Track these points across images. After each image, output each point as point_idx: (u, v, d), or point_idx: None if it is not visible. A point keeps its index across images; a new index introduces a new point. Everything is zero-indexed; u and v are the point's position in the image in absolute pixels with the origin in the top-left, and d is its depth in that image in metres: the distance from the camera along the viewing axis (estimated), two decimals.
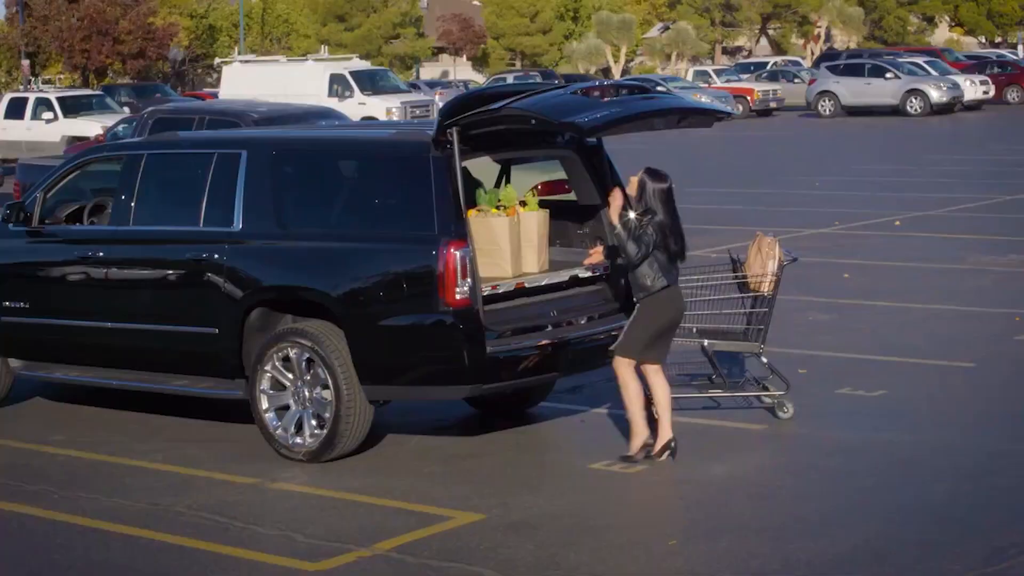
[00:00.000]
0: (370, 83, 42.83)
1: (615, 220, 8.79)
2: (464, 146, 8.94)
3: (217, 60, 53.89)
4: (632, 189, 8.85)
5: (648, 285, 8.79)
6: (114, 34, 63.83)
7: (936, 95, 48.83)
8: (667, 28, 79.96)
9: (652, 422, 9.08)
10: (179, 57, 71.79)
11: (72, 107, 39.20)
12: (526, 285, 9.50)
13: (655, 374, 8.98)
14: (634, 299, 8.97)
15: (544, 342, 9.16)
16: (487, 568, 7.24)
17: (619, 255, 9.06)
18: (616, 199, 8.87)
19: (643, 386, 8.98)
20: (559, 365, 9.31)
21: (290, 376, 9.30)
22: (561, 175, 10.17)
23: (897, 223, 20.58)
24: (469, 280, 8.77)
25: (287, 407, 9.35)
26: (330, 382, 9.08)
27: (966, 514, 7.96)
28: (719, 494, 8.46)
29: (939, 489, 8.39)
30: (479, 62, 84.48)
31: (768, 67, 62.66)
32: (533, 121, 8.81)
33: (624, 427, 9.73)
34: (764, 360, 10.11)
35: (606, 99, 9.06)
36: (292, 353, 9.24)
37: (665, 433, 8.92)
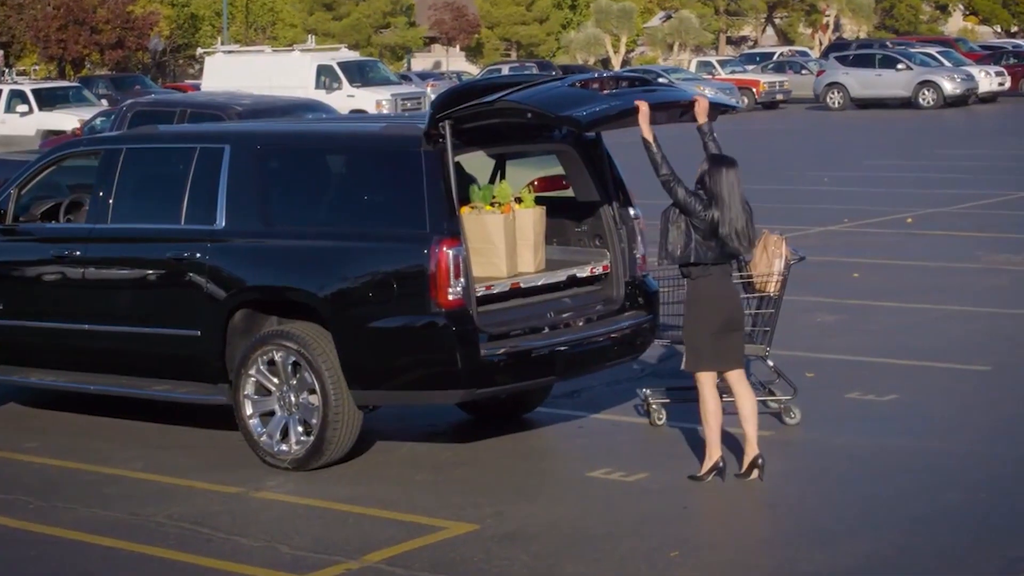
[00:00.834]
0: (359, 74, 42.84)
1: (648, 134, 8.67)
2: (457, 140, 8.94)
3: (199, 50, 53.87)
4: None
5: (692, 260, 8.54)
6: (92, 23, 63.80)
7: (949, 87, 48.85)
8: (669, 17, 79.99)
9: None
10: (159, 47, 71.73)
11: (48, 99, 39.20)
12: (522, 285, 9.50)
13: (738, 382, 8.80)
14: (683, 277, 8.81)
15: (541, 344, 9.16)
16: None
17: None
18: (643, 117, 8.65)
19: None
20: (556, 369, 9.30)
21: (275, 380, 9.30)
22: (558, 170, 10.18)
23: (909, 220, 20.60)
24: (462, 280, 8.78)
25: (272, 413, 9.35)
26: (317, 387, 9.08)
27: (981, 524, 7.96)
28: (723, 503, 8.46)
29: (953, 498, 8.39)
30: (473, 53, 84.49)
31: (774, 58, 62.65)
32: (529, 115, 8.82)
33: (624, 435, 9.76)
34: (770, 363, 10.11)
35: (605, 92, 9.07)
36: (277, 356, 9.23)
37: (751, 449, 8.75)
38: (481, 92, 9.03)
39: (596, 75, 9.38)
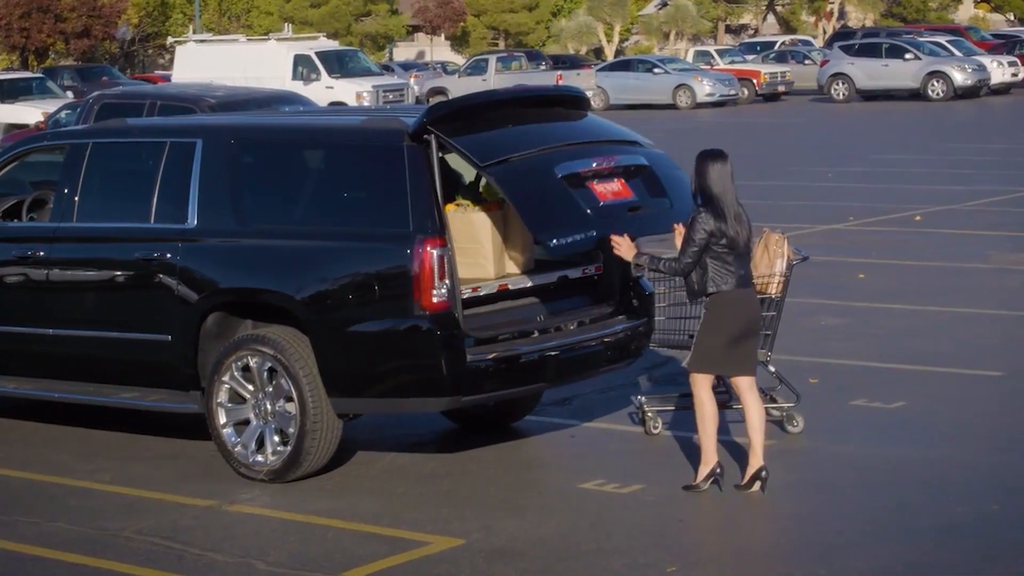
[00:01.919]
0: (338, 65, 42.84)
1: (640, 261, 8.82)
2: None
3: (170, 39, 53.80)
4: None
5: (711, 289, 8.66)
6: (56, 11, 63.71)
7: (960, 78, 48.94)
8: (665, 4, 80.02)
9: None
10: (128, 36, 71.65)
11: (9, 91, 39.11)
12: (510, 287, 9.51)
13: (747, 390, 8.83)
14: (697, 302, 8.90)
15: (530, 349, 9.17)
16: None
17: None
18: (625, 250, 8.83)
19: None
20: (547, 375, 9.31)
21: (250, 387, 9.30)
22: None
23: (917, 218, 20.63)
24: (447, 282, 8.78)
25: (247, 422, 9.35)
26: (294, 394, 9.08)
27: (992, 538, 7.98)
28: (721, 515, 8.47)
29: (963, 510, 8.41)
30: (458, 42, 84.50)
31: (776, 47, 62.74)
32: (508, 204, 8.86)
33: (617, 444, 9.77)
34: (771, 369, 10.13)
35: (604, 202, 9.04)
36: (252, 362, 9.24)
37: (755, 460, 8.75)
38: (481, 109, 9.16)
39: (595, 162, 9.25)
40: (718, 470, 8.76)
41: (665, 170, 9.58)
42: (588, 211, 8.97)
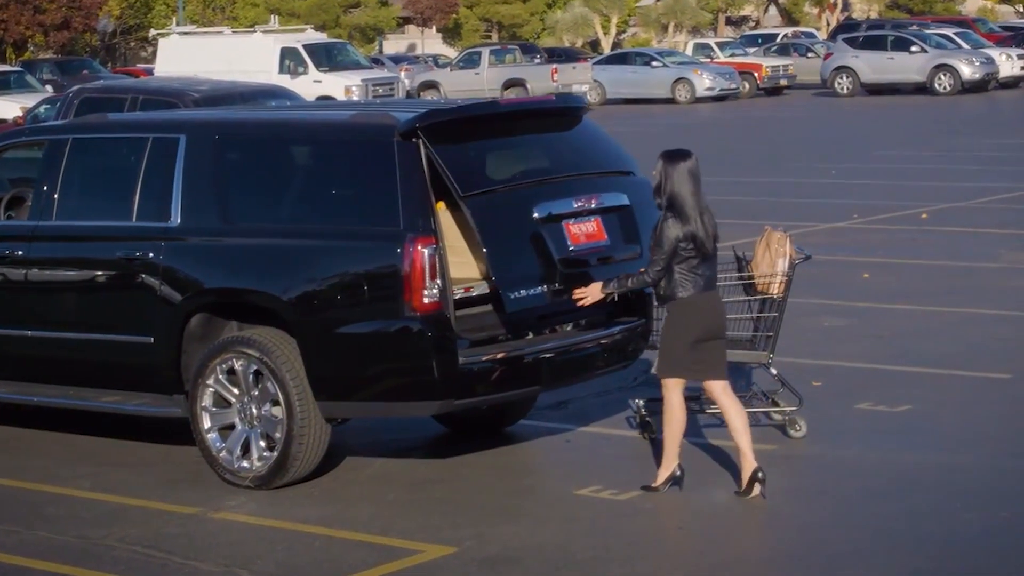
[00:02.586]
0: (327, 58, 42.83)
1: (608, 289, 8.93)
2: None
3: (152, 32, 53.82)
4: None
5: (680, 295, 8.72)
6: (35, 2, 63.59)
7: (968, 71, 49.00)
8: None
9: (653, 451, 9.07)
10: (109, 29, 71.63)
11: None
12: None
13: (721, 394, 8.87)
14: (659, 305, 8.97)
15: (524, 352, 9.17)
16: None
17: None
18: (591, 299, 8.96)
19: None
20: (541, 378, 9.31)
21: (235, 391, 9.30)
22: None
23: (924, 216, 20.65)
24: (439, 281, 8.78)
25: (232, 426, 9.35)
26: (281, 398, 9.08)
27: (1002, 546, 7.99)
28: (722, 523, 8.48)
29: (971, 517, 8.42)
30: (450, 34, 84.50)
31: (778, 40, 62.79)
32: (483, 251, 8.94)
33: (614, 449, 9.77)
34: (773, 371, 10.13)
35: (575, 247, 9.16)
36: (238, 365, 9.23)
37: (748, 464, 8.76)
38: (478, 122, 9.27)
39: (576, 202, 9.31)
40: (678, 473, 8.84)
41: (645, 208, 9.57)
42: (556, 262, 9.08)
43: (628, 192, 9.71)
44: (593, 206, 9.43)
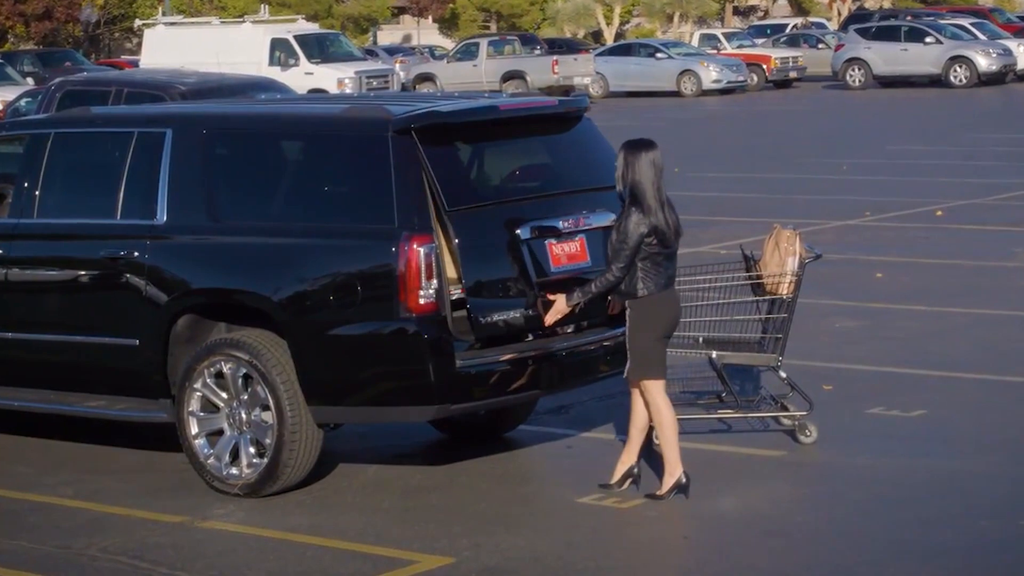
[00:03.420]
0: (318, 49, 42.84)
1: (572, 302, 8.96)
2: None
3: (138, 22, 53.78)
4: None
5: (640, 293, 8.79)
6: None
7: (984, 63, 49.01)
8: None
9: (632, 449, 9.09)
10: (92, 19, 71.58)
11: None
12: None
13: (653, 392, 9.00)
14: (616, 302, 8.99)
15: (524, 354, 9.18)
16: None
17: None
18: (556, 315, 9.02)
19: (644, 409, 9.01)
20: (541, 381, 9.32)
21: (224, 395, 9.30)
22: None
23: (938, 213, 20.66)
24: (435, 281, 8.79)
25: (221, 432, 9.35)
26: (271, 402, 9.08)
27: (1020, 555, 7.99)
28: (729, 532, 8.48)
29: (988, 526, 8.43)
30: (447, 25, 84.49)
31: (787, 30, 62.82)
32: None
33: (617, 456, 9.75)
34: (783, 375, 10.14)
35: (555, 268, 9.19)
36: (226, 368, 9.23)
37: (629, 458, 9.03)
38: (476, 127, 9.32)
39: (562, 222, 9.33)
40: (684, 480, 8.84)
41: None
42: (534, 284, 9.10)
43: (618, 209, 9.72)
44: (579, 227, 9.44)
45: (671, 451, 8.88)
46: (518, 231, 9.15)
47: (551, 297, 9.05)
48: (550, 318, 9.08)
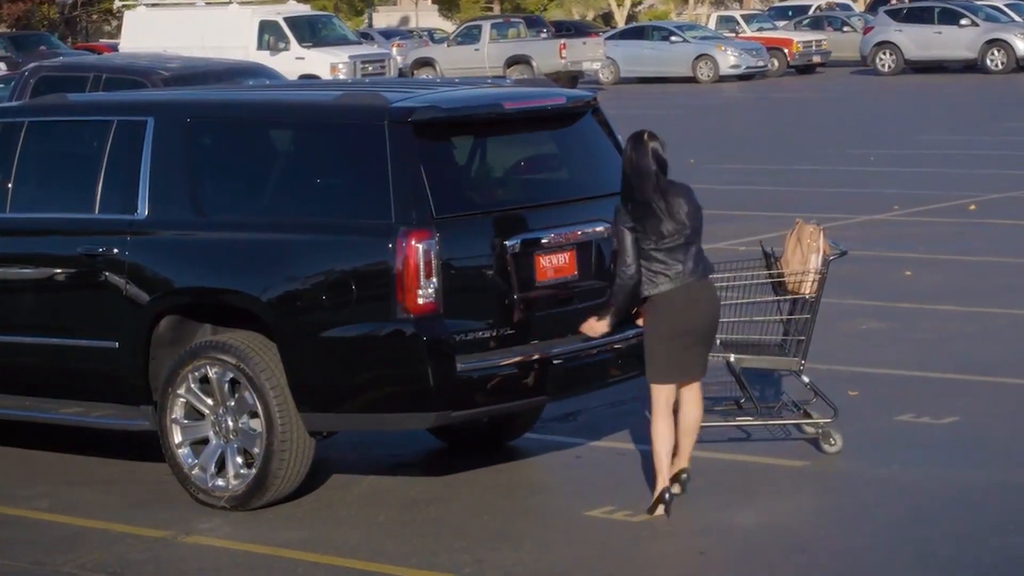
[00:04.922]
0: (310, 32, 42.81)
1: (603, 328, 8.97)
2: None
3: (117, 4, 53.76)
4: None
5: (645, 293, 8.80)
6: None
7: (1023, 46, 48.95)
8: None
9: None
10: (69, 0, 71.63)
11: None
12: None
13: (687, 390, 9.00)
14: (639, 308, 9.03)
15: (529, 358, 9.19)
16: None
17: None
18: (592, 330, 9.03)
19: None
20: (548, 386, 9.33)
21: (209, 402, 9.32)
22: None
23: (972, 207, 20.66)
24: (434, 280, 8.80)
25: (206, 440, 9.37)
26: (260, 409, 9.10)
27: None
28: (748, 548, 8.50)
29: (1023, 542, 8.44)
30: (447, 6, 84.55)
31: (811, 12, 62.77)
32: None
33: (629, 466, 9.79)
34: (805, 379, 10.15)
35: (540, 282, 9.22)
36: (212, 372, 9.25)
37: (680, 461, 8.97)
38: (478, 124, 9.34)
39: (553, 234, 9.32)
40: (667, 496, 8.83)
41: None
42: (516, 300, 9.09)
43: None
44: (570, 241, 9.44)
45: (657, 463, 8.87)
46: (506, 243, 9.11)
47: (584, 327, 9.02)
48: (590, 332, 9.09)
